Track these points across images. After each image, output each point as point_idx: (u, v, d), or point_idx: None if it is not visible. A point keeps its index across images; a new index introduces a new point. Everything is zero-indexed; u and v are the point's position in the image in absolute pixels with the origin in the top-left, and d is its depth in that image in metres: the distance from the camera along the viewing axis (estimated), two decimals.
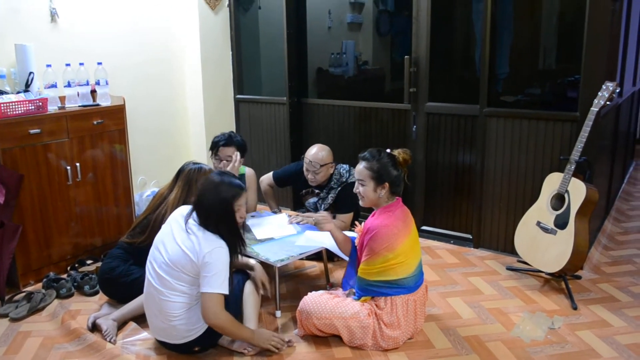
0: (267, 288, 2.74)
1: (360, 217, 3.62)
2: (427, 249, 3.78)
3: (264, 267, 2.95)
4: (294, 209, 4.39)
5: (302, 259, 3.19)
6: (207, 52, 4.62)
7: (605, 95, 2.96)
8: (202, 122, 4.70)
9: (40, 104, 3.23)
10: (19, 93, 3.27)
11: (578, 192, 2.98)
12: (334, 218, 3.51)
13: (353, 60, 4.50)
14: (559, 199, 3.07)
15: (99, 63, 3.65)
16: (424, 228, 4.02)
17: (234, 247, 2.45)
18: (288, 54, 4.40)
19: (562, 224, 3.02)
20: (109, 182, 3.64)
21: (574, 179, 3.01)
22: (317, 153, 3.46)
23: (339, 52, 4.52)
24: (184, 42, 4.63)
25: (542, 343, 2.60)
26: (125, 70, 4.17)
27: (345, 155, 3.74)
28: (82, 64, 3.58)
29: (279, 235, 3.19)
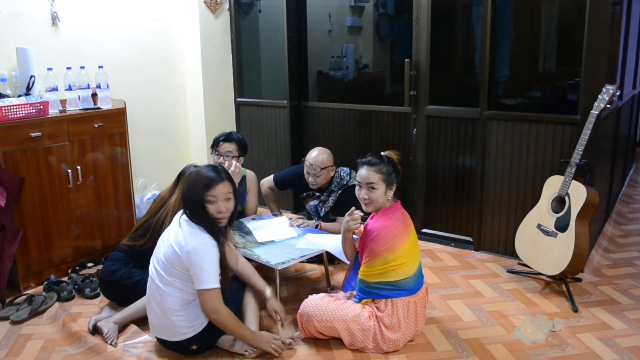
0: (281, 318, 2.70)
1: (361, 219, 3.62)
2: (427, 252, 3.78)
3: (264, 269, 2.96)
4: (295, 212, 4.40)
5: (302, 262, 3.19)
6: (207, 55, 4.63)
7: (606, 98, 2.96)
8: (202, 125, 4.71)
9: (42, 107, 3.23)
10: (20, 96, 3.28)
11: (578, 194, 2.98)
12: (335, 221, 3.52)
13: (353, 64, 4.51)
14: (560, 202, 3.07)
15: (100, 66, 3.65)
16: (425, 231, 4.02)
17: (217, 240, 2.43)
18: (288, 57, 4.40)
19: (562, 227, 3.02)
20: (110, 185, 3.64)
21: (575, 182, 3.01)
22: (317, 156, 3.47)
23: (340, 55, 4.53)
24: (185, 45, 4.64)
25: (543, 345, 2.60)
26: (126, 74, 4.18)
27: (346, 158, 3.75)
28: (83, 68, 3.59)
29: (280, 238, 3.20)
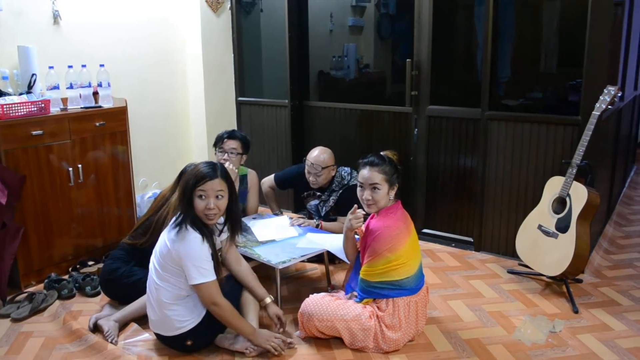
0: (283, 323, 2.70)
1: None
2: (428, 252, 3.78)
3: (265, 268, 2.96)
4: (295, 212, 4.40)
5: (303, 261, 3.19)
6: (209, 54, 4.63)
7: (607, 100, 2.96)
8: (203, 124, 4.71)
9: (43, 106, 3.23)
10: (22, 94, 3.28)
11: (579, 195, 2.98)
12: (335, 220, 3.52)
13: (354, 63, 4.51)
14: (561, 203, 3.07)
15: (102, 65, 3.65)
16: (425, 231, 4.03)
17: (205, 235, 2.42)
18: (290, 57, 4.41)
19: (563, 228, 3.02)
20: (111, 183, 3.64)
21: (576, 183, 3.01)
22: (318, 155, 3.47)
23: (341, 55, 4.53)
24: (186, 44, 4.64)
25: (543, 346, 2.60)
26: (127, 73, 4.18)
27: (347, 158, 3.74)
28: (84, 66, 3.59)
29: (281, 237, 3.20)
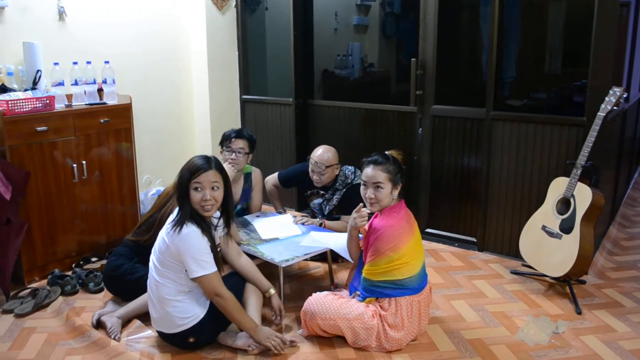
0: (282, 315, 2.73)
1: None
2: (431, 252, 3.78)
3: (268, 266, 2.96)
4: (299, 210, 4.40)
5: (306, 260, 3.20)
6: (213, 52, 4.64)
7: (613, 100, 2.95)
8: (208, 121, 4.72)
9: (48, 102, 3.24)
10: (27, 91, 3.29)
11: (584, 196, 2.97)
12: (339, 219, 3.52)
13: (359, 62, 4.50)
14: (565, 204, 3.07)
15: (107, 62, 3.66)
16: (429, 230, 4.02)
17: (203, 229, 2.43)
18: (295, 55, 4.41)
19: (567, 229, 3.01)
20: (115, 180, 3.65)
21: (580, 184, 3.00)
22: (322, 154, 3.47)
23: (345, 54, 4.53)
24: (191, 42, 4.64)
25: (546, 347, 2.60)
26: (132, 70, 4.19)
27: (351, 157, 3.74)
28: (89, 63, 3.59)
29: (284, 236, 3.20)
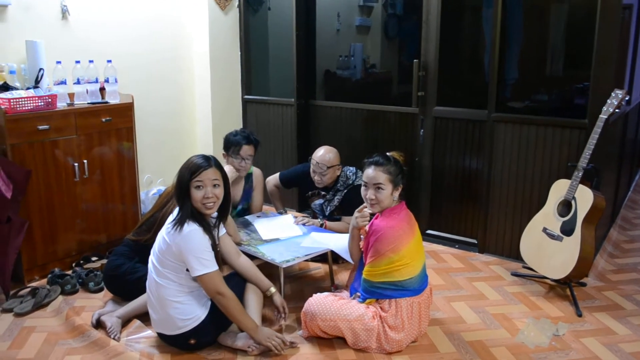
0: (286, 313, 2.72)
1: None
2: (432, 253, 3.78)
3: (269, 267, 2.96)
4: (300, 211, 4.40)
5: (307, 261, 3.19)
6: (216, 52, 4.64)
7: (614, 103, 2.95)
8: (209, 121, 4.71)
9: (50, 101, 3.24)
10: (29, 89, 3.29)
11: (585, 199, 2.97)
12: (340, 220, 3.51)
13: (361, 63, 4.50)
14: (566, 206, 3.06)
15: (109, 61, 3.66)
16: (430, 232, 4.02)
17: (204, 227, 2.44)
18: (297, 56, 4.41)
19: (568, 231, 3.01)
20: (116, 179, 3.65)
21: (582, 186, 3.00)
22: (324, 155, 3.46)
23: (347, 54, 4.53)
24: (194, 42, 4.64)
25: (546, 349, 2.60)
26: (134, 69, 4.18)
27: (352, 158, 3.74)
28: (92, 62, 3.60)
29: (285, 236, 3.20)
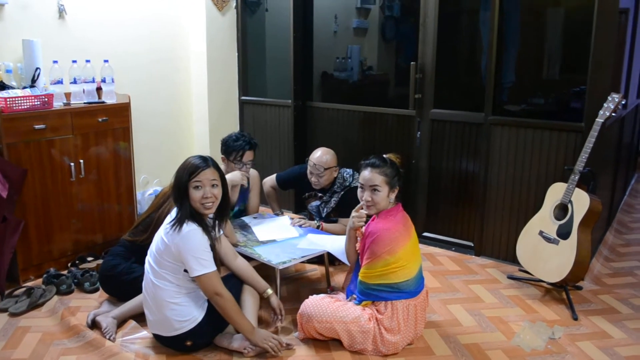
0: (283, 315, 2.72)
1: None
2: (428, 256, 3.78)
3: (265, 268, 2.96)
4: (296, 212, 4.40)
5: (303, 262, 3.19)
6: (213, 52, 4.63)
7: (611, 107, 2.96)
8: (206, 122, 4.71)
9: (46, 100, 3.23)
10: (25, 88, 3.28)
11: (581, 202, 2.98)
12: (336, 222, 3.51)
13: (358, 65, 4.50)
14: (562, 209, 3.07)
15: (106, 61, 3.65)
16: (426, 234, 4.02)
17: (203, 227, 2.44)
18: (294, 57, 4.41)
19: (564, 234, 3.02)
20: (112, 179, 3.64)
21: (578, 190, 3.01)
22: (321, 156, 3.46)
23: (345, 56, 4.53)
24: (191, 42, 4.64)
25: (542, 353, 2.60)
26: (131, 69, 4.18)
27: (349, 160, 3.74)
28: (88, 61, 3.58)
29: (281, 238, 3.19)
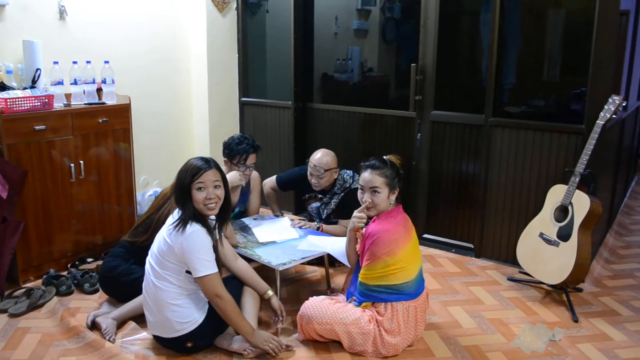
0: (283, 316, 2.72)
1: None
2: (428, 257, 3.77)
3: (265, 270, 2.96)
4: (296, 213, 4.40)
5: (303, 264, 3.19)
6: (213, 54, 4.63)
7: (612, 109, 2.96)
8: (206, 123, 4.71)
9: (46, 101, 3.23)
10: (26, 89, 3.28)
11: (582, 204, 2.97)
12: (336, 223, 3.51)
13: (358, 67, 4.51)
14: (563, 211, 3.07)
15: (106, 62, 3.65)
16: (426, 236, 4.02)
17: (206, 228, 2.44)
18: (294, 59, 4.41)
19: (565, 236, 3.01)
20: (112, 180, 3.63)
21: (578, 192, 3.01)
22: (321, 158, 3.46)
23: (345, 58, 4.53)
24: (191, 43, 4.64)
25: (542, 355, 2.60)
26: (132, 70, 4.18)
27: (349, 161, 3.74)
28: (89, 62, 3.58)
29: (281, 239, 3.19)
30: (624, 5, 3.45)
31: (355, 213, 2.70)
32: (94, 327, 2.74)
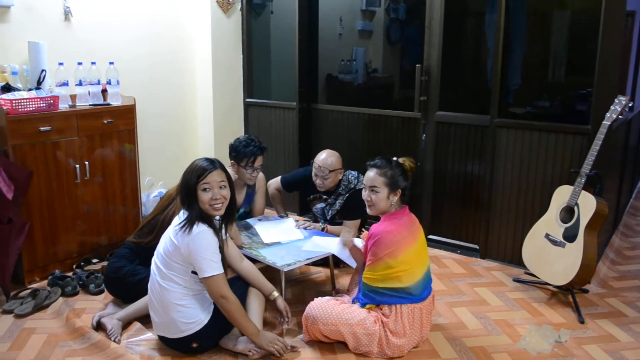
0: (289, 317, 2.71)
1: (367, 224, 3.62)
2: (433, 258, 3.76)
3: (270, 270, 2.95)
4: (301, 214, 4.39)
5: (308, 264, 3.18)
6: (218, 55, 4.64)
7: (618, 109, 2.94)
8: (211, 124, 4.71)
9: (52, 102, 3.24)
10: (31, 90, 3.29)
11: (588, 205, 2.96)
12: (341, 224, 3.51)
13: (363, 68, 4.50)
14: (569, 212, 3.06)
15: (111, 63, 3.66)
16: (431, 237, 4.01)
17: (213, 229, 2.44)
18: (299, 59, 4.41)
19: (571, 237, 3.00)
20: (117, 181, 3.64)
21: (584, 192, 2.99)
22: (326, 158, 3.45)
23: (350, 59, 4.53)
24: (196, 44, 4.65)
25: (548, 356, 2.59)
26: (136, 71, 4.19)
27: (354, 162, 3.74)
28: (94, 63, 3.59)
29: (286, 240, 3.19)
30: (630, 6, 3.44)
31: (344, 235, 2.75)
32: (100, 327, 2.74)
